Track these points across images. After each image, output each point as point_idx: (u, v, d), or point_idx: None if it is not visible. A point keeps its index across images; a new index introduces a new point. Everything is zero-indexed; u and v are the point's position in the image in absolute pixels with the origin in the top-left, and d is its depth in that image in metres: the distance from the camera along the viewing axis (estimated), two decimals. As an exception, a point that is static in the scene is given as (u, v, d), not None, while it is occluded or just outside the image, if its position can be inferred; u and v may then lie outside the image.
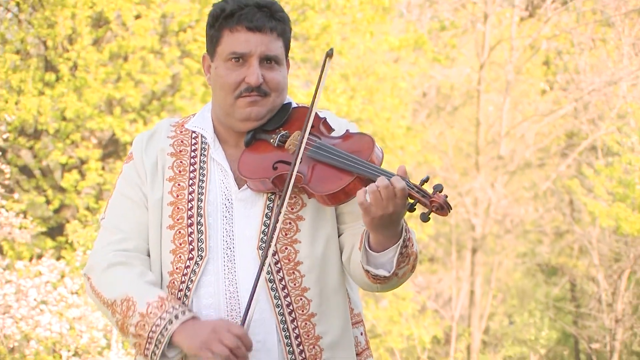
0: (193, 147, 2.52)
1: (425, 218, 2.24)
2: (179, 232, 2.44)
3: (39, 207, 15.99)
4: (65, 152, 15.29)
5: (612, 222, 16.06)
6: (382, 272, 2.33)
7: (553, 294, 22.46)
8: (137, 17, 14.95)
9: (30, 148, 15.93)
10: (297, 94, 14.44)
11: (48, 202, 15.60)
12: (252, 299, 2.32)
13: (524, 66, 20.50)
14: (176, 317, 2.32)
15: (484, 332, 19.81)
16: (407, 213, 2.32)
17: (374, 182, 2.24)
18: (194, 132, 2.55)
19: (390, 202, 2.22)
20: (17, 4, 15.59)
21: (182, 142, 2.53)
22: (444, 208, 2.26)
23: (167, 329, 2.31)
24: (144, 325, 2.33)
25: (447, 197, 2.28)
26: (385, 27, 17.70)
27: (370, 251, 2.33)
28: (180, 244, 2.44)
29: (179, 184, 2.48)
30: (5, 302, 11.46)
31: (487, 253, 19.36)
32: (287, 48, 2.55)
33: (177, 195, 2.47)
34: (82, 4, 14.53)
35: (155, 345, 2.32)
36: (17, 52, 15.28)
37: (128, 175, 2.52)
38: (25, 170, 16.34)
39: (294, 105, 2.56)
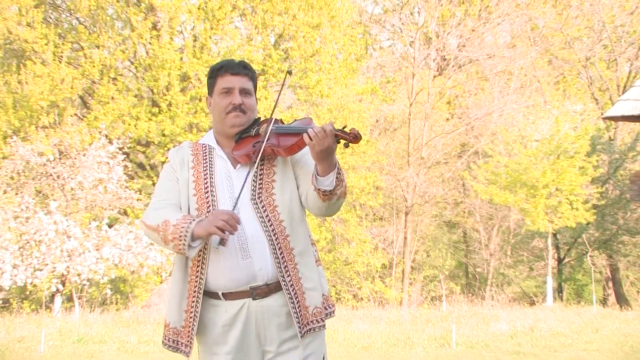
0: (204, 152, 2.52)
1: (347, 145, 2.23)
2: (200, 197, 2.42)
3: (148, 187, 15.95)
4: (164, 155, 15.21)
5: (488, 197, 16.12)
6: (328, 187, 2.29)
7: (453, 239, 22.55)
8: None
9: (143, 152, 15.90)
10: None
11: (154, 184, 15.52)
12: (239, 195, 2.33)
13: (436, 104, 20.48)
14: (194, 219, 2.29)
15: (412, 261, 19.80)
16: (338, 152, 2.19)
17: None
18: (203, 144, 2.55)
19: (325, 140, 2.20)
20: (135, 67, 15.52)
21: (197, 149, 2.54)
22: (357, 137, 2.21)
23: (189, 227, 2.27)
24: (176, 230, 2.28)
25: (358, 131, 2.25)
26: (354, 81, 17.66)
27: (318, 177, 2.30)
28: (201, 204, 2.41)
29: (197, 170, 2.47)
30: (128, 244, 11.41)
31: (414, 215, 19.32)
32: (255, 87, 2.57)
33: (197, 177, 2.46)
34: (174, 67, 14.46)
35: (184, 240, 2.27)
36: (135, 96, 15.26)
37: (167, 169, 2.53)
38: (140, 165, 16.29)
39: (262, 119, 2.56)
